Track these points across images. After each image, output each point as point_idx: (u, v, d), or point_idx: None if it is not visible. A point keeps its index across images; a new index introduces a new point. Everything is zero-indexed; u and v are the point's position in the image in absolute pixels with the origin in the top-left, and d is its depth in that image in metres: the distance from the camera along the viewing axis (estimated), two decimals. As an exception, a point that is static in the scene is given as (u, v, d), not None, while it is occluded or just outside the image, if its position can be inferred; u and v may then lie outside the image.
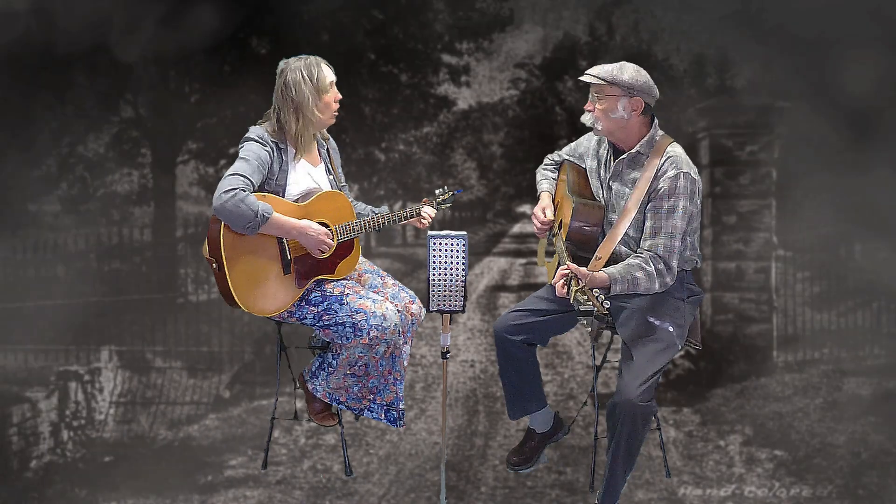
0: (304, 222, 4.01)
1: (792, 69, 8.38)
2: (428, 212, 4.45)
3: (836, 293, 8.74)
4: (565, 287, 3.65)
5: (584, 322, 3.75)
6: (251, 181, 3.88)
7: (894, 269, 8.24)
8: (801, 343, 8.61)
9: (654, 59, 9.14)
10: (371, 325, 4.01)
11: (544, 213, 4.29)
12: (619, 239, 3.92)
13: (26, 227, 8.76)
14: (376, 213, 4.42)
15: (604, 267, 3.87)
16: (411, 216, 4.42)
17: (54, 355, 8.11)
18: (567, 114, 9.96)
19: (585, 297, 3.50)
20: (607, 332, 4.38)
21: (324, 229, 4.06)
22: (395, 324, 4.09)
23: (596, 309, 3.47)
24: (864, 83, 7.98)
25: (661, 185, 3.89)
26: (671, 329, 3.96)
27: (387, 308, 4.08)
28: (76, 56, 8.28)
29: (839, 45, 8.07)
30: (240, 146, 4.02)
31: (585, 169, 4.26)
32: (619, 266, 3.83)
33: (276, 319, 4.23)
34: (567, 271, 3.66)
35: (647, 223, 3.91)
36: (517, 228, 10.78)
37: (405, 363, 4.32)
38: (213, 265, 3.94)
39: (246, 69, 9.06)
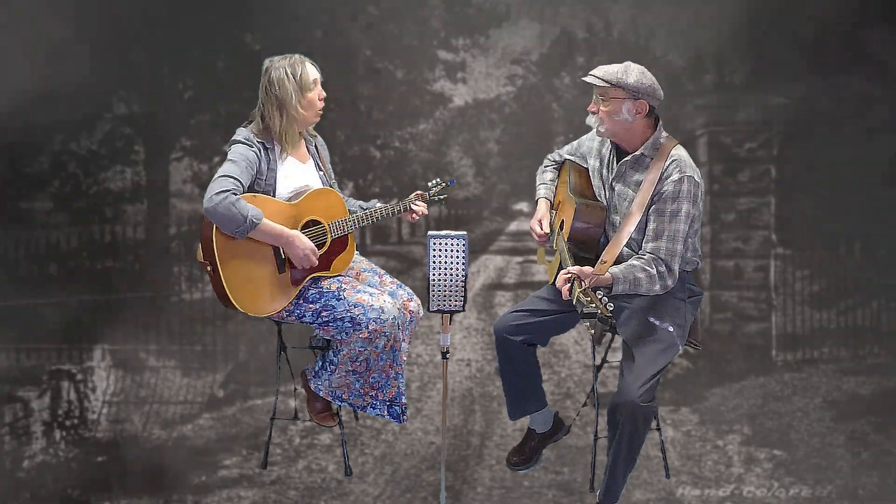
0: (293, 233, 4.03)
1: (791, 65, 8.34)
2: (420, 205, 4.48)
3: (836, 291, 8.70)
4: (569, 291, 3.62)
5: (588, 324, 3.74)
6: (241, 182, 3.90)
7: (894, 266, 8.22)
8: (800, 342, 8.58)
9: (651, 55, 9.10)
10: (369, 319, 4.04)
11: (541, 226, 4.29)
12: (623, 243, 3.89)
13: (18, 224, 8.69)
14: (366, 208, 4.42)
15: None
16: (404, 209, 4.44)
17: (46, 354, 8.06)
18: (564, 110, 9.91)
19: (588, 300, 3.47)
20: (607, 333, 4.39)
21: (311, 245, 4.07)
22: (394, 316, 4.11)
23: (599, 311, 3.44)
24: (863, 78, 7.96)
25: (664, 189, 3.88)
26: (671, 329, 3.97)
27: (384, 301, 4.11)
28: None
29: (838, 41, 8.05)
30: (226, 149, 4.06)
31: (587, 169, 4.25)
32: (621, 266, 3.82)
33: (276, 319, 4.25)
34: (570, 275, 3.65)
35: (650, 226, 3.90)
36: (514, 226, 10.72)
37: (405, 356, 4.33)
38: (208, 268, 3.95)
39: (240, 65, 9.01)
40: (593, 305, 3.47)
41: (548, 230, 4.29)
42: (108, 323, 8.40)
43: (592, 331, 4.25)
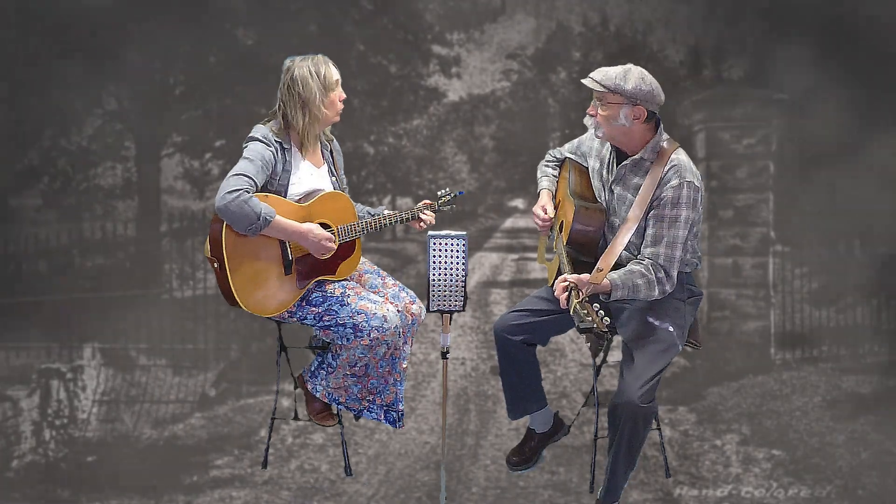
0: (306, 226, 4.04)
1: (790, 60, 8.32)
2: (428, 214, 4.49)
3: (835, 289, 8.69)
4: (567, 299, 3.61)
5: (584, 338, 3.71)
6: (255, 182, 3.91)
7: (894, 264, 8.20)
8: (799, 340, 8.57)
9: (649, 49, 9.07)
10: (372, 327, 4.04)
11: (544, 210, 4.26)
12: (620, 251, 3.85)
13: (7, 221, 8.66)
14: (374, 215, 4.44)
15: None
16: (412, 217, 4.46)
17: (36, 353, 8.03)
18: (560, 106, 9.90)
19: (585, 312, 3.44)
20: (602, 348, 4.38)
21: (326, 233, 4.09)
22: (396, 325, 4.12)
23: (596, 325, 3.40)
24: (862, 74, 7.94)
25: (664, 194, 3.84)
26: (671, 329, 3.94)
27: (387, 309, 4.11)
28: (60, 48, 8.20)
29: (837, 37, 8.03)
30: (244, 145, 4.05)
31: (587, 168, 4.20)
32: (620, 272, 3.80)
33: (277, 319, 4.26)
34: (567, 283, 3.63)
35: (649, 231, 3.87)
36: (509, 223, 10.73)
37: (405, 364, 4.34)
38: (215, 264, 3.97)
39: (232, 60, 8.98)
40: (590, 319, 3.45)
41: (552, 214, 4.27)
42: (98, 321, 8.37)
43: (589, 344, 4.23)
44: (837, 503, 6.15)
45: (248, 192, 3.84)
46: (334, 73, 4.14)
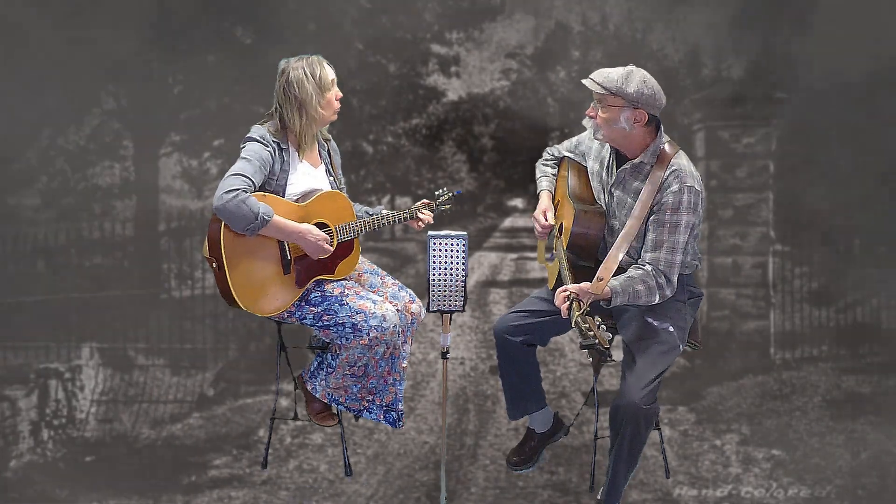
0: (304, 226, 4.06)
1: (790, 59, 8.30)
2: (426, 214, 4.53)
3: (835, 289, 8.66)
4: (568, 310, 3.61)
5: (587, 352, 3.70)
6: (253, 182, 3.93)
7: (894, 264, 8.18)
8: (799, 340, 8.56)
9: (648, 48, 9.04)
10: (371, 326, 4.06)
11: (545, 217, 4.27)
12: (620, 258, 3.85)
13: (5, 221, 8.63)
14: (372, 214, 4.46)
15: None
16: (411, 217, 4.49)
17: (34, 352, 8.00)
18: (559, 105, 9.86)
19: (587, 327, 3.42)
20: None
21: (323, 234, 4.11)
22: (395, 325, 4.14)
23: (598, 340, 3.38)
24: (862, 73, 7.92)
25: (664, 199, 3.84)
26: (672, 330, 3.96)
27: (387, 309, 4.13)
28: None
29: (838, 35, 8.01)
30: (241, 145, 4.07)
31: (586, 168, 4.17)
32: (620, 278, 3.80)
33: (276, 319, 4.28)
34: (568, 293, 3.64)
35: (649, 235, 3.87)
36: (508, 222, 10.71)
37: (405, 363, 4.35)
38: (213, 265, 3.98)
39: (230, 59, 8.95)
40: (592, 334, 3.42)
41: (552, 221, 4.25)
42: (96, 320, 8.35)
43: (591, 359, 4.23)
44: (837, 503, 6.13)
45: (247, 192, 3.85)
46: (329, 73, 4.16)
